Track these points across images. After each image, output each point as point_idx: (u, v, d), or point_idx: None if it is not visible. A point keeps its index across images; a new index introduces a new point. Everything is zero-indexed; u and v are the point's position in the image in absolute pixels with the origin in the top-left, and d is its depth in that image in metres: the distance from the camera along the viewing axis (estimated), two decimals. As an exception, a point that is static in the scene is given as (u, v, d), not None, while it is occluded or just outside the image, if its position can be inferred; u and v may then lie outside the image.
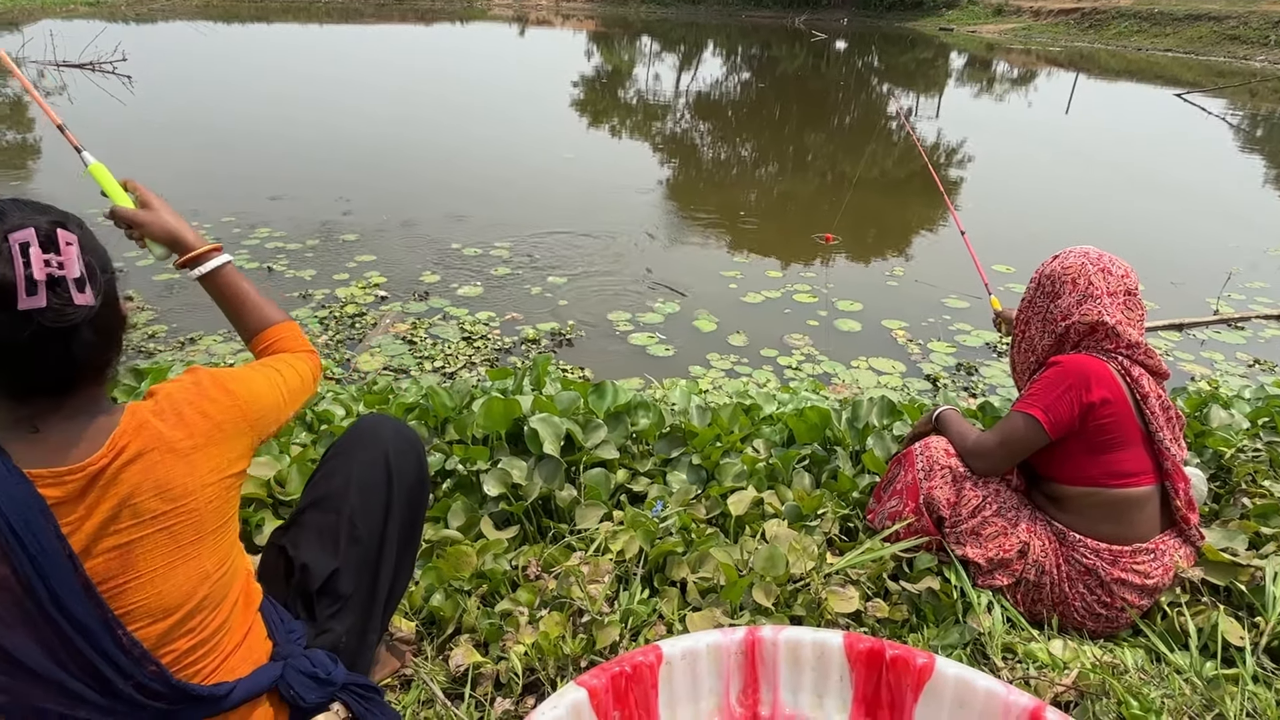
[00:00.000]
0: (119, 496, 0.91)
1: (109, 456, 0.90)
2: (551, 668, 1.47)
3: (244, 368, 1.16)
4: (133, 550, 0.93)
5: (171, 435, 0.96)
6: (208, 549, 1.00)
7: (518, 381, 2.50)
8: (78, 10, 28.28)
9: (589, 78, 18.36)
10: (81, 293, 0.86)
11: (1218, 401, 2.57)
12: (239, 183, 7.16)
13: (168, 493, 0.94)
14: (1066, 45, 30.17)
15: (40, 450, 0.88)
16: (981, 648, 1.59)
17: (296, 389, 1.19)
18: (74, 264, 0.86)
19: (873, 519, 1.93)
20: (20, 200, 0.91)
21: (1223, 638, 1.59)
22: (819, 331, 4.57)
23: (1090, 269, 1.72)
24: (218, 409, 1.02)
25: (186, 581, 0.98)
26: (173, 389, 1.02)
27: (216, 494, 1.01)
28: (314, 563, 1.25)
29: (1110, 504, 1.68)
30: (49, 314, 0.84)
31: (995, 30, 34.93)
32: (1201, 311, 5.01)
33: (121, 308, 0.99)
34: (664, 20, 39.17)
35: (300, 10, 35.78)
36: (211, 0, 36.42)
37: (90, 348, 0.90)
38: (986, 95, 18.16)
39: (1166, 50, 27.89)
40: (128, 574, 0.93)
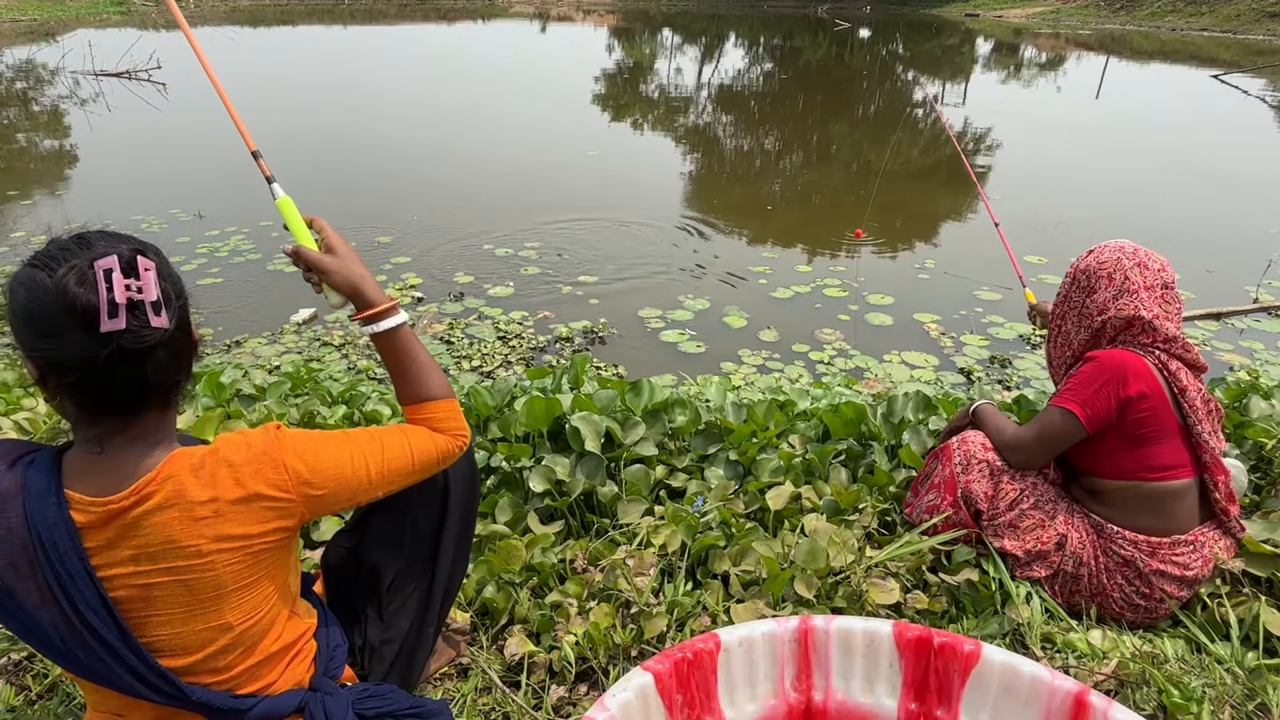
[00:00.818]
0: (138, 541, 0.93)
1: (130, 499, 0.92)
2: (603, 656, 1.53)
3: (338, 435, 1.09)
4: (151, 591, 0.95)
5: (195, 496, 0.94)
6: (229, 605, 0.99)
7: (557, 380, 2.56)
8: (111, 19, 28.88)
9: (610, 73, 18.36)
10: (158, 316, 0.89)
11: (1258, 392, 2.54)
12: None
13: (180, 550, 0.94)
14: (1097, 28, 29.51)
15: (92, 473, 0.94)
16: (1020, 638, 1.61)
17: (399, 469, 1.11)
18: (152, 288, 0.89)
19: (910, 513, 1.96)
20: (105, 231, 0.95)
21: (1264, 628, 1.60)
22: (850, 326, 4.57)
23: (1126, 263, 1.73)
24: (261, 481, 0.98)
25: (206, 631, 0.99)
26: (233, 445, 0.99)
27: (236, 559, 0.98)
28: (382, 563, 1.30)
29: (1148, 497, 1.69)
30: (128, 336, 0.87)
31: (1023, 14, 34.25)
32: (1240, 300, 4.93)
33: (194, 333, 1.01)
34: (685, 13, 38.97)
35: (325, 13, 36.15)
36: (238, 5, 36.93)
37: (162, 370, 0.93)
38: (1014, 81, 17.85)
39: (1202, 30, 27.15)
40: (148, 610, 0.96)
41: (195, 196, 6.78)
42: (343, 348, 4.12)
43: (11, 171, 8.20)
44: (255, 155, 1.29)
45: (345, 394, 2.71)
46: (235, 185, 7.36)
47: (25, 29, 24.59)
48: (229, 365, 3.42)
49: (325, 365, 3.73)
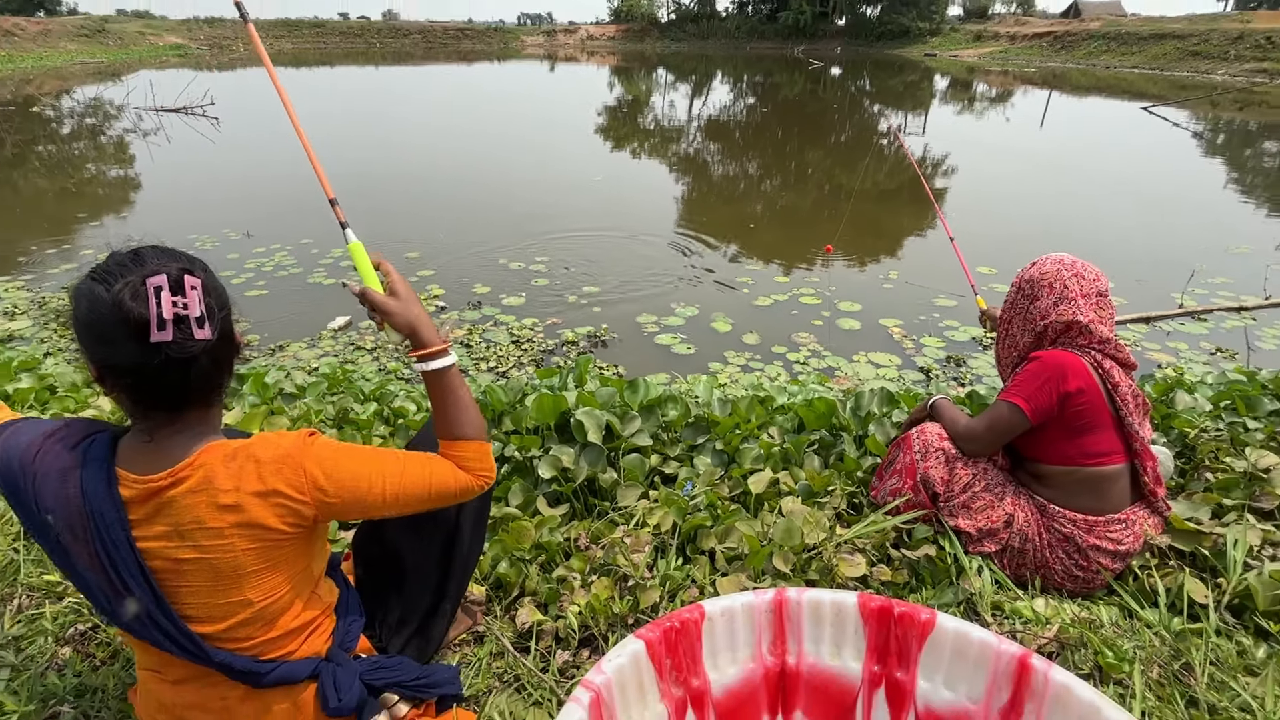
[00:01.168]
0: (172, 518, 0.94)
1: (167, 480, 0.94)
2: (603, 624, 1.52)
3: (366, 452, 1.05)
4: (181, 566, 0.96)
5: (221, 484, 0.94)
6: (249, 585, 0.99)
7: (563, 379, 2.55)
8: (169, 61, 28.85)
9: (611, 107, 18.35)
10: (201, 329, 0.90)
11: (1182, 387, 2.54)
12: (314, 208, 7.32)
13: (205, 531, 0.95)
14: (1040, 66, 29.55)
15: (140, 457, 0.95)
16: (973, 606, 1.61)
17: (414, 495, 1.07)
18: (196, 305, 0.89)
19: (876, 495, 1.95)
20: (158, 247, 0.96)
21: (1188, 596, 1.59)
22: (823, 330, 4.56)
23: (1065, 274, 1.72)
24: (280, 480, 0.97)
25: (229, 604, 0.99)
26: (265, 443, 0.99)
27: (253, 545, 0.97)
28: (402, 546, 1.29)
29: (1085, 480, 1.69)
30: (173, 346, 0.88)
31: (975, 54, 34.30)
32: (1167, 305, 4.93)
33: (237, 339, 1.01)
34: (677, 53, 38.98)
35: (359, 55, 36.12)
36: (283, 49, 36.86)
37: (204, 374, 0.94)
38: (968, 113, 17.86)
39: (1133, 67, 27.21)
40: (179, 581, 0.97)
41: (244, 218, 6.77)
42: (374, 351, 4.11)
43: (82, 196, 8.19)
44: (332, 203, 1.22)
45: (375, 392, 2.71)
46: (280, 208, 7.36)
47: (94, 70, 24.58)
48: (273, 367, 3.41)
49: (358, 367, 3.72)
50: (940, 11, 41.47)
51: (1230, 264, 5.93)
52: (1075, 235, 7.08)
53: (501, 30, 51.97)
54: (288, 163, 10.13)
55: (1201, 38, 27.02)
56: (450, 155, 11.02)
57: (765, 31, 43.37)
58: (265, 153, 10.98)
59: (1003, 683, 0.86)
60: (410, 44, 43.90)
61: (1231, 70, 24.06)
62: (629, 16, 48.94)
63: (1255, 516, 1.87)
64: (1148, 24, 32.07)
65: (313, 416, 2.43)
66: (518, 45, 45.76)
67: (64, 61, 26.43)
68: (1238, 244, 6.55)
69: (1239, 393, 2.46)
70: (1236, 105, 17.72)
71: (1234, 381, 2.66)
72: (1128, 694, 1.36)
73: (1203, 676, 1.39)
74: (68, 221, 6.91)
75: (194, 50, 34.93)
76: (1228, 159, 11.85)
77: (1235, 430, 2.22)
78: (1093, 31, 32.03)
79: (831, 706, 0.95)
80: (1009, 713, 0.86)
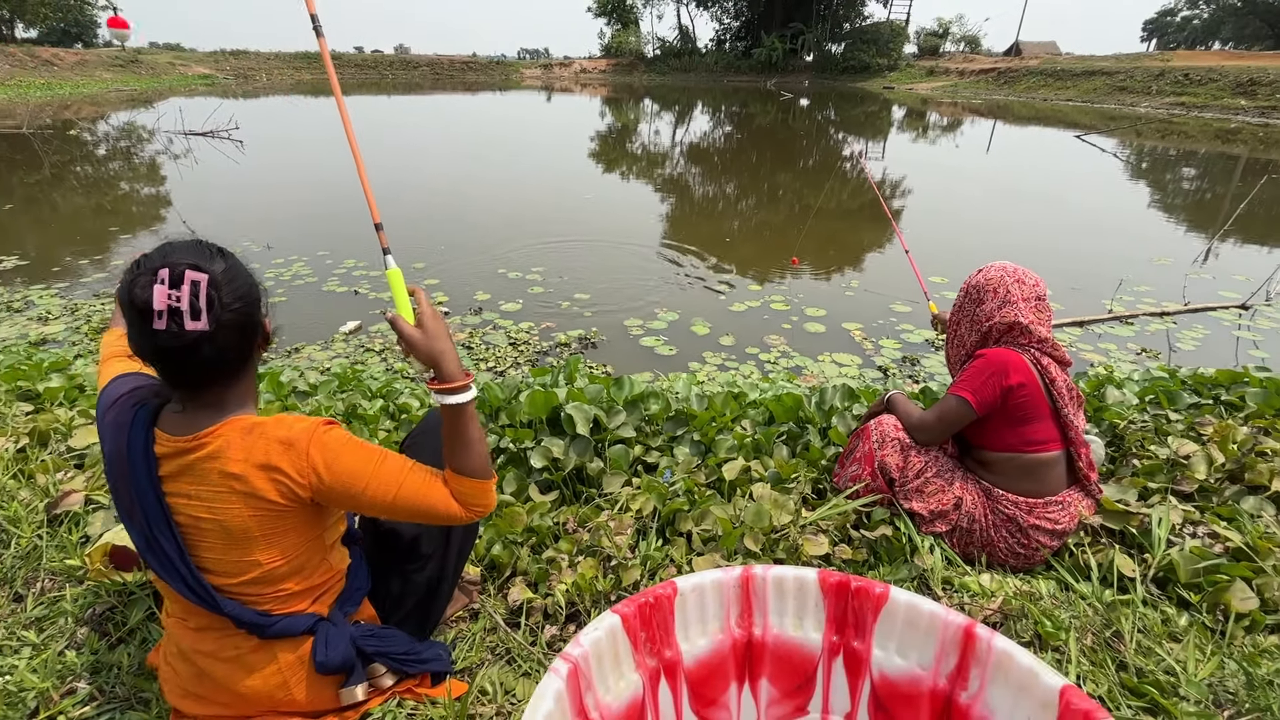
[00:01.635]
0: (192, 478, 0.96)
1: (192, 444, 0.96)
2: (588, 601, 1.50)
3: (373, 454, 1.01)
4: (200, 523, 0.97)
5: (232, 454, 0.95)
6: (258, 548, 0.99)
7: (554, 377, 2.53)
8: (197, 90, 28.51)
9: (603, 134, 18.34)
10: (195, 321, 0.88)
11: (1112, 383, 2.56)
12: (329, 221, 7.24)
13: (217, 494, 0.96)
14: (986, 98, 29.88)
15: (176, 421, 0.98)
16: (926, 581, 1.60)
17: (403, 508, 1.02)
18: (186, 299, 0.88)
19: (838, 481, 1.94)
20: (180, 241, 0.95)
21: (1118, 571, 1.59)
22: (791, 333, 4.56)
23: (1008, 280, 1.72)
24: (284, 459, 0.96)
25: (240, 563, 1.00)
26: (282, 424, 0.98)
27: (258, 513, 0.97)
28: (402, 529, 1.27)
29: (1026, 466, 1.69)
30: (165, 335, 0.88)
31: (928, 87, 34.64)
32: (1098, 311, 4.98)
33: (255, 328, 0.98)
34: (662, 85, 39.04)
35: (371, 85, 35.87)
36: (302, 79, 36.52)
37: (210, 360, 0.93)
38: (923, 140, 18.02)
39: (1068, 100, 27.59)
40: (198, 537, 0.99)
41: (265, 233, 6.66)
42: (382, 353, 4.06)
43: (116, 212, 8.04)
44: (378, 228, 1.16)
45: (382, 390, 2.66)
46: (298, 223, 7.26)
47: (127, 98, 24.21)
48: (288, 367, 3.35)
49: (367, 367, 3.66)
50: (897, 49, 41.83)
51: (1153, 274, 6.00)
52: (1018, 248, 7.15)
53: (503, 63, 51.75)
54: (306, 182, 10.02)
55: (1127, 74, 27.44)
56: (455, 175, 10.94)
57: (741, 66, 43.56)
58: (285, 173, 10.86)
59: (950, 650, 0.85)
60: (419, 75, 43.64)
61: (1153, 103, 24.45)
62: (618, 52, 48.97)
63: (1177, 498, 1.88)
64: (1080, 61, 32.54)
65: (323, 412, 2.39)
66: (518, 77, 45.64)
67: (99, 89, 26.01)
68: (1160, 256, 6.64)
69: (1162, 388, 2.48)
70: (1158, 134, 18.00)
71: (1157, 378, 2.69)
72: (1064, 659, 1.36)
73: (1131, 643, 1.39)
74: (101, 235, 6.78)
75: (221, 80, 34.51)
76: (1150, 181, 12.03)
77: (1159, 421, 2.23)
78: (1032, 68, 32.44)
79: (794, 674, 0.94)
80: (956, 678, 0.84)
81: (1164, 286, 5.56)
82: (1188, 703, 1.25)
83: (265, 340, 1.03)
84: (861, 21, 43.91)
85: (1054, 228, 8.14)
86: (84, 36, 42.81)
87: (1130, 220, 8.63)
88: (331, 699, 1.12)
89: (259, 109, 22.28)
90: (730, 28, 48.36)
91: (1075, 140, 16.57)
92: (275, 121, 18.90)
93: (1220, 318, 4.90)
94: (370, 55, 49.41)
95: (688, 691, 0.90)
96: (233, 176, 10.54)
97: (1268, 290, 5.09)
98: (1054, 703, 0.75)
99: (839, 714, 0.94)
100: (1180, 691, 1.27)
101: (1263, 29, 44.79)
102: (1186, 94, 24.37)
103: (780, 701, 0.95)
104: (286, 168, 11.14)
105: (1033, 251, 6.99)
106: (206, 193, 9.25)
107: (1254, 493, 1.89)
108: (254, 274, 1.02)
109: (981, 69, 35.31)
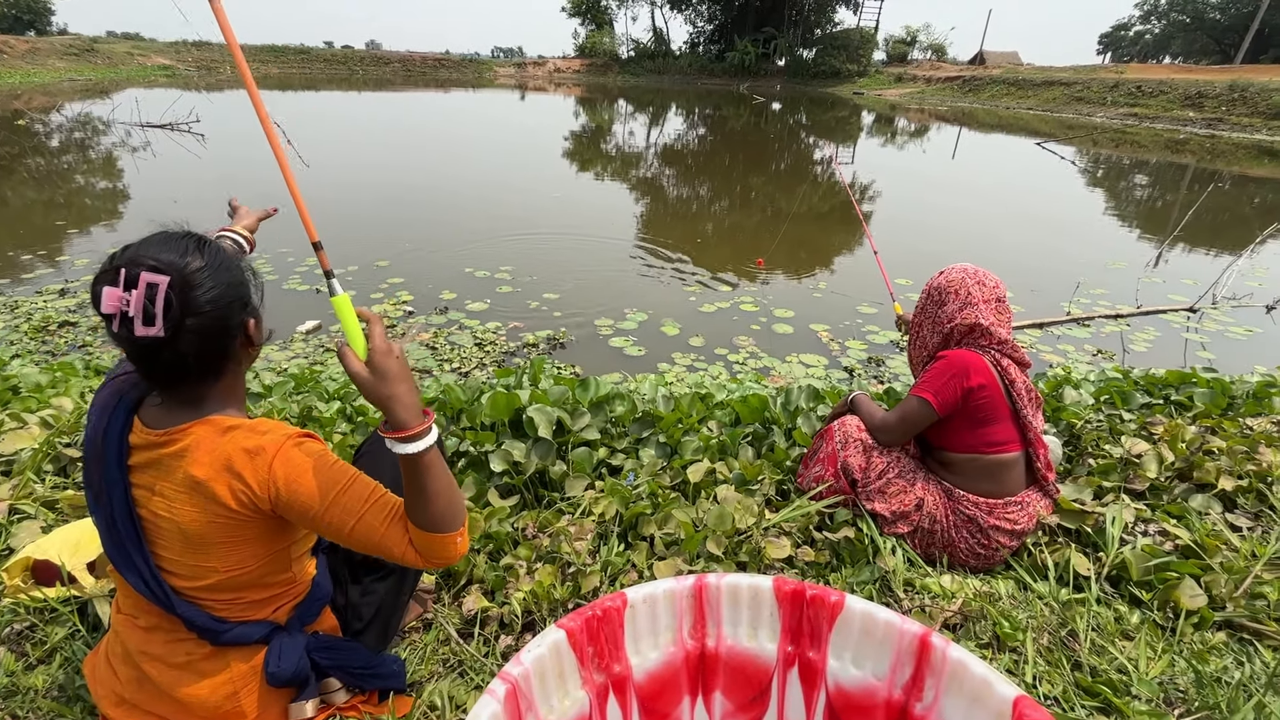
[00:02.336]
0: (158, 473, 0.93)
1: (163, 438, 0.92)
2: (545, 610, 1.45)
3: (339, 479, 0.92)
4: (158, 521, 0.94)
5: (198, 455, 0.91)
6: (215, 554, 0.94)
7: (518, 378, 2.47)
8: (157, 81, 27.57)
9: (577, 134, 18.23)
10: (147, 326, 0.83)
11: (1070, 384, 2.60)
12: (289, 219, 7.01)
13: (176, 492, 0.92)
14: (952, 105, 30.56)
15: (155, 413, 0.95)
16: (888, 583, 1.59)
17: (355, 539, 0.93)
18: (137, 303, 0.83)
19: (801, 482, 1.93)
20: (163, 233, 0.92)
21: (1074, 569, 1.61)
22: (760, 334, 4.56)
23: (969, 282, 1.72)
24: (247, 468, 0.90)
25: (197, 567, 0.95)
26: (255, 431, 0.92)
27: (215, 519, 0.91)
28: None
29: (986, 467, 1.69)
30: (118, 337, 0.85)
31: (896, 94, 35.30)
32: (1057, 313, 5.09)
33: (226, 334, 0.90)
34: (637, 86, 39.05)
35: (342, 80, 35.15)
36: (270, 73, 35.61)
37: (172, 364, 0.89)
38: (891, 145, 18.33)
39: (1029, 108, 28.37)
40: (157, 535, 0.95)
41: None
42: (345, 353, 3.94)
43: (68, 207, 7.68)
44: (316, 247, 1.03)
45: (339, 392, 2.57)
46: (260, 219, 7.03)
47: (82, 87, 23.26)
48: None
49: (326, 368, 3.54)
50: (867, 56, 42.55)
51: (1109, 278, 6.17)
52: (980, 251, 7.29)
53: (476, 61, 51.09)
54: (269, 179, 9.72)
55: (1084, 85, 28.35)
56: (425, 173, 10.74)
57: (714, 69, 43.82)
58: (249, 168, 10.52)
59: (905, 660, 0.82)
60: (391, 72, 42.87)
61: (1109, 113, 25.30)
62: (592, 52, 48.79)
63: (1129, 497, 1.91)
64: (1040, 72, 33.51)
65: (276, 415, 2.29)
66: (491, 75, 45.16)
67: (52, 79, 24.94)
68: (1115, 260, 6.83)
69: (1116, 388, 2.53)
70: (1113, 144, 18.62)
71: (1111, 379, 2.74)
72: (1021, 660, 1.36)
73: (1085, 642, 1.39)
74: (50, 231, 6.46)
75: (182, 71, 33.41)
76: (1106, 189, 12.42)
77: (1113, 421, 2.27)
78: (995, 77, 33.30)
79: (749, 686, 0.90)
80: (911, 688, 0.82)
81: (1119, 289, 5.72)
82: (1139, 701, 1.25)
83: (250, 342, 0.96)
84: (832, 28, 44.55)
85: (1015, 232, 8.34)
86: (37, 24, 41.07)
87: (1087, 225, 8.89)
88: (280, 714, 1.06)
89: (223, 102, 21.59)
90: (704, 31, 48.62)
91: (1036, 148, 17.03)
92: (240, 115, 18.34)
93: (1170, 320, 5.06)
94: (340, 50, 48.33)
95: (638, 707, 0.86)
96: (194, 171, 10.18)
97: (1214, 294, 5.27)
98: (1007, 713, 0.73)
99: (794, 726, 0.91)
100: (1132, 690, 1.28)
101: (1210, 44, 46.76)
102: (1139, 105, 25.28)
103: (734, 715, 0.91)
104: (250, 163, 10.80)
105: (994, 254, 7.15)
106: (165, 187, 8.91)
107: (1201, 490, 1.93)
108: (243, 270, 0.95)
109: (948, 76, 36.14)
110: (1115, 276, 6.24)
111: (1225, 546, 1.68)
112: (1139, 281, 5.91)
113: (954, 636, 1.44)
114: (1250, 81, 23.51)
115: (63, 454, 1.93)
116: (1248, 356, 4.47)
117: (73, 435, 1.98)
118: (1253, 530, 1.79)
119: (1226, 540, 1.72)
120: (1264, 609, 1.48)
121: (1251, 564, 1.60)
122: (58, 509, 1.71)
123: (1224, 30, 44.21)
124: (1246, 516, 1.85)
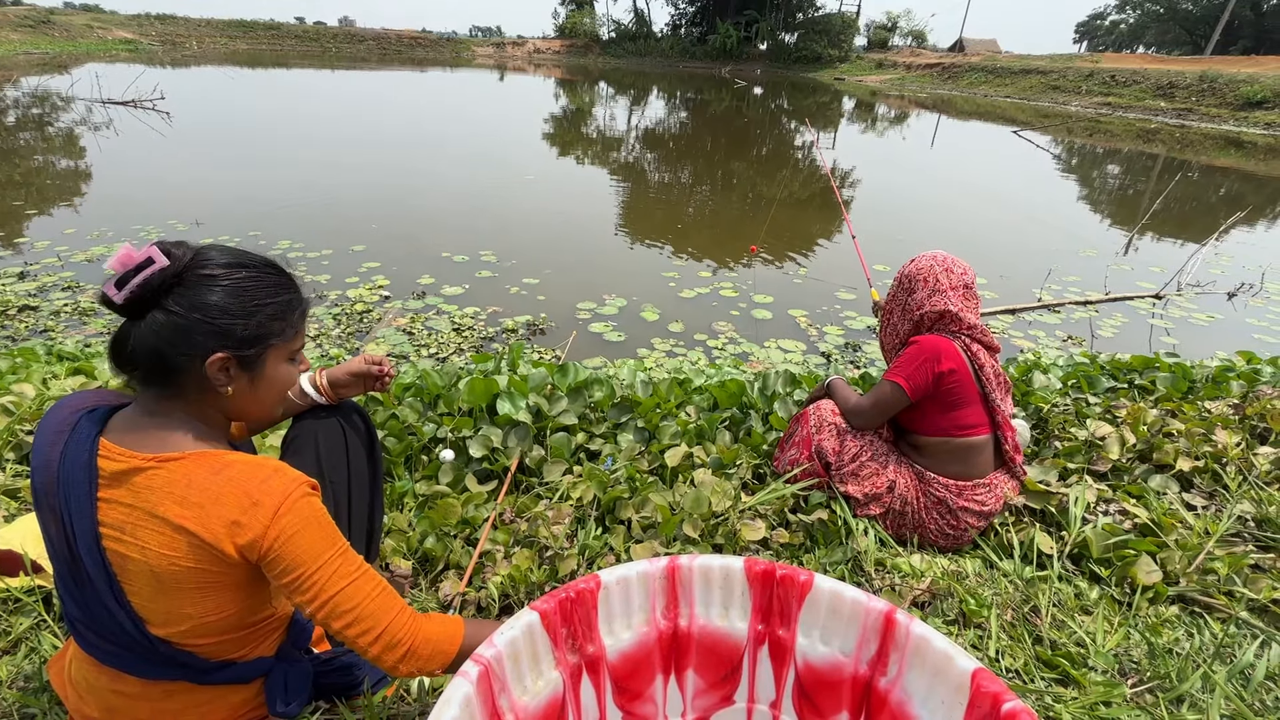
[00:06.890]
0: (131, 501, 0.82)
1: (141, 463, 0.83)
2: (522, 593, 1.46)
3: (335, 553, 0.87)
4: (126, 563, 0.83)
5: (186, 489, 0.82)
6: (189, 600, 0.85)
7: (496, 364, 2.46)
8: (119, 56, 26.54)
9: (557, 116, 17.99)
10: (117, 289, 0.82)
11: (1039, 368, 2.66)
12: (261, 201, 6.85)
13: (155, 524, 0.82)
14: (931, 92, 30.71)
15: (133, 431, 0.86)
16: (860, 563, 1.63)
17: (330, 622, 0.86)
18: (121, 268, 0.83)
19: (777, 465, 1.95)
20: (243, 251, 0.92)
21: (1038, 548, 1.66)
22: (740, 319, 4.59)
23: (937, 269, 1.75)
24: (243, 515, 0.82)
25: (170, 613, 0.86)
26: (255, 476, 0.84)
27: (190, 564, 0.83)
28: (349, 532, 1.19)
29: (956, 450, 1.73)
30: (101, 299, 0.84)
31: (877, 80, 35.36)
32: (1028, 299, 5.18)
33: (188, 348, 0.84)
34: (618, 69, 38.59)
35: (314, 57, 34.17)
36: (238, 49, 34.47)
37: (133, 353, 0.84)
38: (871, 131, 18.39)
39: (1006, 97, 28.62)
40: (124, 576, 0.85)
41: (193, 210, 6.26)
42: (317, 338, 3.88)
43: (29, 187, 7.40)
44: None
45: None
46: (228, 202, 6.84)
47: (39, 61, 22.30)
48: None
49: (303, 353, 3.48)
50: (848, 41, 42.51)
51: (1079, 265, 6.30)
52: (956, 238, 7.39)
53: (454, 40, 49.97)
54: (240, 160, 9.46)
55: (1060, 74, 28.66)
56: (400, 154, 10.53)
57: (696, 53, 43.45)
58: (217, 147, 10.22)
59: (871, 636, 0.85)
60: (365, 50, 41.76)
61: (1083, 102, 25.64)
62: (573, 33, 48.04)
63: (1092, 477, 1.97)
64: (1017, 60, 33.78)
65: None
66: (469, 55, 44.24)
67: (6, 52, 23.86)
68: (1086, 248, 6.97)
69: (1083, 373, 2.59)
70: (1087, 132, 18.90)
71: (1079, 364, 2.81)
72: (986, 635, 1.40)
73: (1046, 617, 1.44)
74: (9, 212, 6.23)
75: (145, 46, 32.16)
76: (1079, 177, 12.63)
77: (1079, 404, 2.33)
78: (974, 65, 33.51)
79: (721, 664, 0.92)
80: (876, 663, 0.85)
81: (1090, 276, 5.84)
82: (1095, 672, 1.31)
83: (225, 375, 0.87)
84: (814, 12, 44.38)
85: (990, 219, 8.46)
86: (-12, -7, 39.09)
87: (1059, 213, 9.04)
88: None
89: (190, 78, 20.87)
90: (686, 13, 48.09)
91: (1013, 136, 17.22)
92: (208, 92, 17.75)
93: (1137, 306, 5.19)
94: (312, 27, 46.96)
95: (611, 686, 0.88)
96: (159, 150, 9.85)
97: (1179, 281, 5.41)
98: (966, 685, 0.76)
99: (764, 703, 0.93)
100: (1089, 662, 1.33)
101: (1182, 35, 47.54)
102: (1113, 94, 25.65)
103: (707, 692, 0.93)
104: (220, 144, 10.49)
105: (970, 241, 7.24)
106: (128, 167, 8.62)
107: (1160, 471, 2.00)
108: (277, 314, 0.91)
109: (927, 64, 36.27)
110: (1087, 263, 6.36)
111: (1181, 525, 1.75)
112: (1108, 269, 6.04)
113: (922, 614, 1.49)
114: (1219, 73, 23.98)
115: (24, 441, 1.88)
116: (1209, 342, 4.61)
117: (34, 422, 1.92)
118: (1207, 509, 1.86)
119: (1182, 519, 1.78)
120: (1214, 583, 1.55)
121: (1204, 541, 1.66)
122: (20, 498, 1.67)
123: (1195, 21, 44.98)
124: (1202, 496, 1.92)
